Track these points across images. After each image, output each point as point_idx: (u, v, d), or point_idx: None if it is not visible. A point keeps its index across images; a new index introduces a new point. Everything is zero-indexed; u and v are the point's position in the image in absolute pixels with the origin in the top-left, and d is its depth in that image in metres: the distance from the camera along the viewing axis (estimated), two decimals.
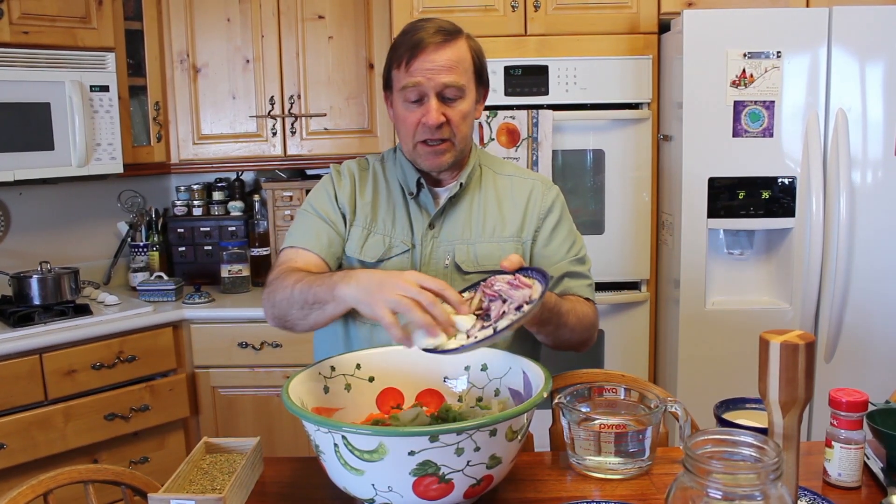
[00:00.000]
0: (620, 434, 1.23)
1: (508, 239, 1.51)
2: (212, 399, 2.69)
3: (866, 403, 1.20)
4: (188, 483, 1.22)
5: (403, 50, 1.40)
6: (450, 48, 1.40)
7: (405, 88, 1.40)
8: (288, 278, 1.35)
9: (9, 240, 2.80)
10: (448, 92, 1.40)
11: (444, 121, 1.40)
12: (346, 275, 1.22)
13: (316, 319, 1.31)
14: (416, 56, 1.38)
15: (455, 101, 1.41)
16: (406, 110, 1.42)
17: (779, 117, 2.34)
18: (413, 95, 1.40)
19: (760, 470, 0.86)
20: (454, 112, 1.41)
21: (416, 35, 1.40)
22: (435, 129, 1.40)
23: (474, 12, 2.57)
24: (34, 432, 2.29)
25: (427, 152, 1.44)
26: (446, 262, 1.49)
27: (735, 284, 2.52)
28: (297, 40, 2.85)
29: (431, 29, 1.40)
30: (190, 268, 3.06)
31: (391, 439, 0.99)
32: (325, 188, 1.55)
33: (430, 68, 1.38)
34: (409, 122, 1.43)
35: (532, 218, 1.53)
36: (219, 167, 2.97)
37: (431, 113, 1.39)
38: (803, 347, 0.95)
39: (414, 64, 1.38)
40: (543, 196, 1.55)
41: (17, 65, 2.40)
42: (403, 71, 1.40)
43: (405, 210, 1.52)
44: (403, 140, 1.48)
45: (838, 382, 1.59)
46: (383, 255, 1.48)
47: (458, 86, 1.40)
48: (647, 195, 2.60)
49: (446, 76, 1.39)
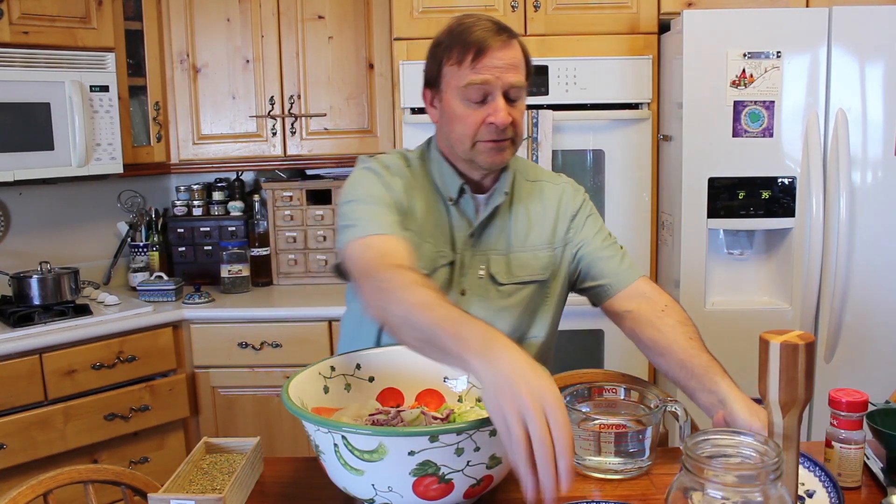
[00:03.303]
0: (620, 434, 1.23)
1: (542, 247, 1.50)
2: (212, 399, 2.69)
3: (866, 403, 1.20)
4: (188, 483, 1.22)
5: (466, 47, 1.35)
6: (512, 48, 1.37)
7: (469, 86, 1.34)
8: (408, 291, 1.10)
9: (9, 240, 2.80)
10: (513, 92, 1.36)
11: (511, 120, 1.36)
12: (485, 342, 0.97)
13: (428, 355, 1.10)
14: (483, 54, 1.34)
15: (516, 101, 1.38)
16: (467, 108, 1.37)
17: (779, 117, 2.34)
18: (477, 94, 1.35)
19: (760, 470, 0.86)
20: (517, 112, 1.38)
21: (476, 33, 1.35)
22: (502, 130, 1.36)
23: (474, 12, 2.56)
24: (34, 432, 2.29)
25: (490, 148, 1.38)
26: (481, 272, 1.46)
27: (735, 284, 2.52)
28: (296, 40, 2.85)
29: (493, 26, 1.37)
30: (190, 268, 3.06)
31: (391, 439, 0.99)
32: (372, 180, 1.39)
33: (498, 66, 1.34)
34: (470, 121, 1.37)
35: (563, 222, 1.52)
36: (219, 167, 2.97)
37: (501, 113, 1.34)
38: (803, 347, 0.95)
39: (481, 62, 1.33)
40: (573, 199, 1.54)
41: (16, 65, 2.40)
42: (468, 69, 1.34)
43: (446, 216, 1.45)
44: (458, 139, 1.39)
45: (838, 382, 1.59)
46: (433, 263, 1.42)
47: (521, 86, 1.37)
48: (646, 195, 2.60)
49: (513, 76, 1.35)
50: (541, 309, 1.52)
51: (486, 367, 0.95)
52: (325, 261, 3.03)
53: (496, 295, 1.46)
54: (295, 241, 3.02)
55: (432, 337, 1.04)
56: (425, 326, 1.05)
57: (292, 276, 3.04)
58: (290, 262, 3.03)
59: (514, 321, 1.48)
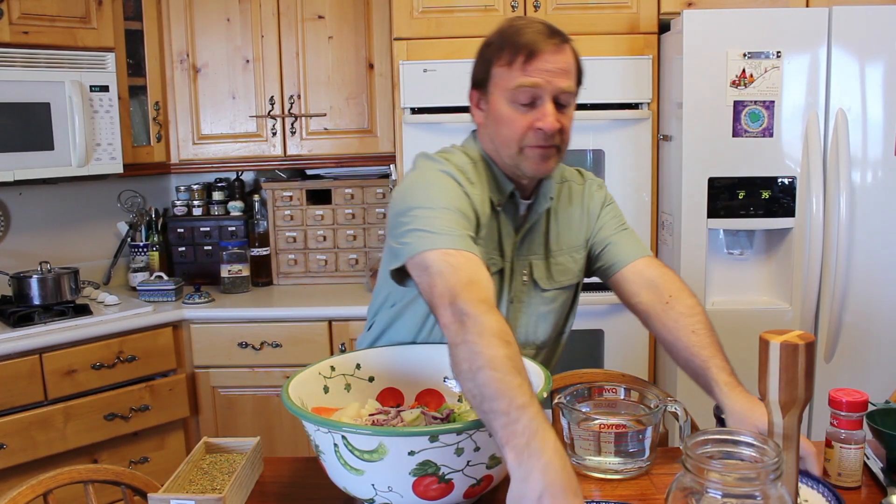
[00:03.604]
0: (620, 434, 1.23)
1: (577, 249, 1.49)
2: (212, 399, 2.69)
3: (866, 403, 1.20)
4: (188, 483, 1.22)
5: (517, 48, 1.31)
6: (564, 52, 1.33)
7: (518, 88, 1.30)
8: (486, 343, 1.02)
9: (9, 240, 2.80)
10: (563, 98, 1.33)
11: (559, 126, 1.33)
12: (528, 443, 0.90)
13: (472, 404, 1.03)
14: (535, 57, 1.30)
15: (566, 107, 1.34)
16: (514, 111, 1.33)
17: (779, 117, 2.34)
18: (526, 98, 1.31)
19: (760, 470, 0.86)
20: (566, 119, 1.35)
21: (528, 34, 1.32)
22: (549, 136, 1.32)
23: (474, 12, 2.57)
24: (34, 432, 2.29)
25: (536, 155, 1.34)
26: (524, 278, 1.44)
27: (735, 284, 2.52)
28: (296, 40, 2.85)
29: (545, 30, 1.32)
30: (190, 268, 3.06)
31: (391, 439, 0.99)
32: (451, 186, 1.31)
33: (549, 70, 1.30)
34: (517, 124, 1.33)
35: (591, 221, 1.51)
36: (219, 167, 2.97)
37: (549, 118, 1.30)
38: (803, 347, 0.95)
39: (533, 64, 1.30)
40: (596, 196, 1.53)
41: (16, 65, 2.40)
42: (518, 71, 1.30)
43: (496, 222, 1.41)
44: (504, 143, 1.35)
45: (838, 382, 1.59)
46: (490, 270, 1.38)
47: (572, 92, 1.34)
48: (646, 195, 2.60)
49: (564, 81, 1.32)
50: (572, 309, 1.53)
51: (518, 469, 0.89)
52: (324, 260, 3.03)
53: (539, 301, 1.46)
54: (295, 241, 3.02)
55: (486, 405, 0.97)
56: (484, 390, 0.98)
57: (292, 276, 3.05)
58: (290, 262, 3.03)
59: (554, 324, 1.49)
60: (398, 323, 1.46)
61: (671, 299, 1.38)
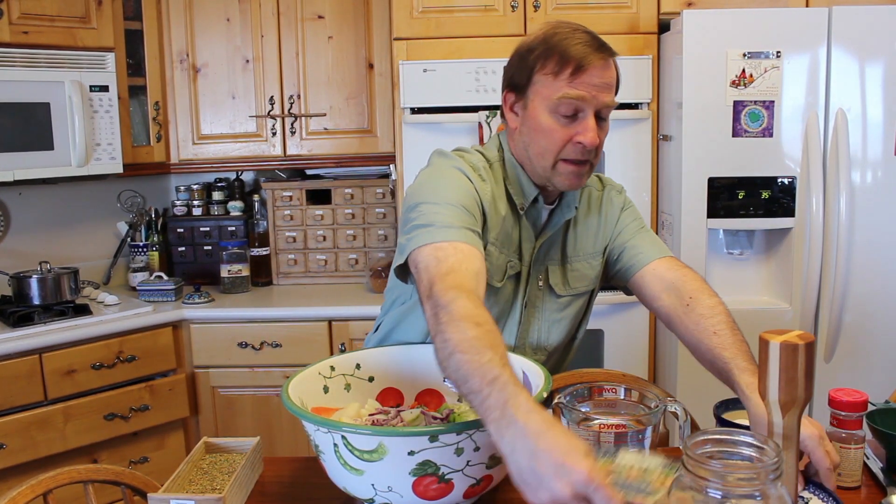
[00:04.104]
0: (620, 434, 1.23)
1: (594, 256, 1.49)
2: (211, 399, 2.69)
3: (866, 403, 1.20)
4: (188, 483, 1.22)
5: (566, 59, 1.29)
6: (610, 67, 1.33)
7: (562, 99, 1.28)
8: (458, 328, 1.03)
9: (9, 240, 2.80)
10: (604, 112, 1.32)
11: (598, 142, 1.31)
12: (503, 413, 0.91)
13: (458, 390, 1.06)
14: (583, 70, 1.28)
15: (604, 121, 1.34)
16: (555, 122, 1.30)
17: (778, 117, 2.34)
18: (569, 110, 1.29)
19: (760, 470, 0.86)
20: (603, 133, 1.33)
21: (577, 45, 1.30)
22: (587, 151, 1.31)
23: (474, 12, 2.57)
24: (34, 432, 2.29)
25: (570, 172, 1.32)
26: (539, 282, 1.44)
27: (735, 284, 2.52)
28: (296, 40, 2.85)
29: (593, 43, 1.31)
30: (190, 268, 3.06)
31: (391, 439, 0.99)
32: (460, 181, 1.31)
33: (596, 84, 1.30)
34: (557, 136, 1.30)
35: (609, 227, 1.50)
36: (218, 167, 2.97)
37: (591, 133, 1.29)
38: (803, 347, 0.95)
39: (580, 77, 1.28)
40: (615, 202, 1.53)
41: (16, 65, 2.40)
42: (564, 82, 1.29)
43: (517, 225, 1.39)
44: (541, 153, 1.33)
45: (838, 382, 1.59)
46: (503, 276, 1.39)
47: (613, 106, 1.33)
48: (646, 195, 2.60)
49: (608, 96, 1.31)
50: (586, 315, 1.53)
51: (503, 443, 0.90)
52: (324, 260, 3.03)
53: (554, 306, 1.45)
54: (295, 241, 3.02)
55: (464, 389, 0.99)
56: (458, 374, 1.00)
57: (292, 275, 3.04)
58: (289, 262, 3.03)
59: (567, 330, 1.49)
60: (405, 323, 1.46)
61: (692, 301, 1.36)
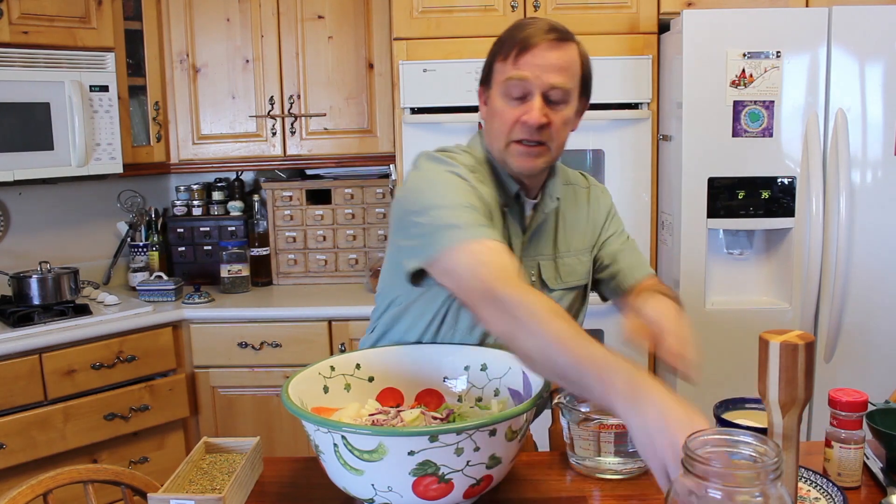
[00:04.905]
0: (620, 434, 1.23)
1: (584, 251, 1.50)
2: (211, 399, 2.69)
3: (866, 403, 1.20)
4: (188, 483, 1.22)
5: (513, 43, 1.31)
6: (562, 49, 1.31)
7: (509, 80, 1.30)
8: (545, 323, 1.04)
9: (8, 240, 2.80)
10: (553, 94, 1.30)
11: (546, 123, 1.31)
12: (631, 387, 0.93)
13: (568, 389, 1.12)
14: (526, 50, 1.29)
15: (559, 104, 1.32)
16: (505, 105, 1.32)
17: (778, 117, 2.34)
18: (516, 91, 1.30)
19: (760, 470, 0.86)
20: (557, 116, 1.32)
21: (528, 29, 1.32)
22: (535, 130, 1.30)
23: (474, 12, 2.57)
24: (34, 432, 2.29)
25: (521, 152, 1.33)
26: (532, 277, 1.44)
27: (735, 284, 2.52)
28: (296, 40, 2.85)
29: (546, 26, 1.32)
30: (190, 268, 3.06)
31: (391, 439, 0.99)
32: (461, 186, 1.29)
33: (539, 64, 1.29)
34: (506, 117, 1.32)
35: (597, 226, 1.53)
36: (218, 167, 2.97)
37: (534, 112, 1.29)
38: (803, 347, 0.95)
39: (524, 58, 1.29)
40: (602, 202, 1.55)
41: (16, 65, 2.40)
42: (510, 64, 1.31)
43: (502, 223, 1.40)
44: (496, 137, 1.35)
45: (838, 382, 1.59)
46: None
47: (564, 88, 1.31)
48: (646, 195, 2.60)
49: (555, 76, 1.30)
50: (580, 313, 1.53)
51: (634, 414, 0.92)
52: (324, 260, 3.03)
53: None
54: (295, 241, 3.02)
55: (574, 377, 1.00)
56: (567, 365, 1.00)
57: (292, 275, 3.05)
58: (289, 262, 3.03)
59: None
60: (400, 323, 1.45)
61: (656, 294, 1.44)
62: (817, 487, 1.17)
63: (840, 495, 1.13)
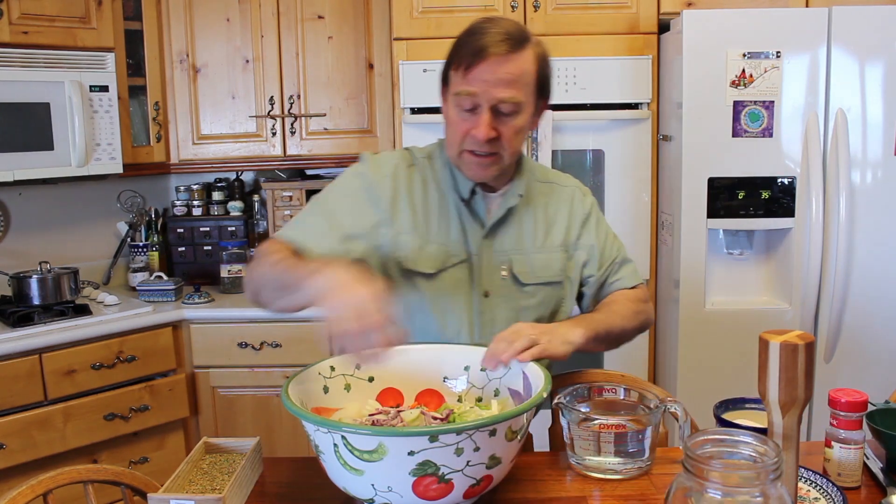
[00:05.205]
0: (620, 434, 1.23)
1: (558, 248, 1.50)
2: (211, 399, 2.69)
3: (866, 403, 1.20)
4: (188, 483, 1.22)
5: (465, 53, 1.31)
6: (513, 60, 1.30)
7: (459, 95, 1.32)
8: (271, 256, 1.33)
9: (8, 240, 2.80)
10: (503, 107, 1.32)
11: (495, 136, 1.33)
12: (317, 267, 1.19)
13: (284, 304, 1.30)
14: (475, 64, 1.29)
15: (510, 115, 1.33)
16: (458, 116, 1.35)
17: (778, 117, 2.34)
18: (467, 104, 1.32)
19: (760, 470, 0.86)
20: (507, 127, 1.34)
21: (481, 39, 1.30)
22: (484, 143, 1.33)
23: (474, 12, 2.57)
24: (34, 432, 2.29)
25: (472, 163, 1.37)
26: (503, 273, 1.45)
27: (735, 284, 2.52)
28: (296, 40, 2.85)
29: (498, 35, 1.30)
30: (190, 268, 3.06)
31: (391, 439, 0.99)
32: (353, 188, 1.43)
33: (488, 80, 1.29)
34: (458, 128, 1.35)
35: (575, 226, 1.52)
36: (218, 167, 2.97)
37: (482, 128, 1.31)
38: (803, 347, 0.95)
39: (473, 72, 1.30)
40: (582, 203, 1.54)
41: (16, 65, 2.40)
42: (461, 76, 1.32)
43: (458, 216, 1.44)
44: (450, 144, 1.40)
45: (838, 382, 1.59)
46: (442, 264, 1.42)
47: (513, 101, 1.31)
48: (646, 195, 2.60)
49: (503, 91, 1.30)
50: (560, 310, 1.53)
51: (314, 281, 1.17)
52: None
53: (519, 295, 1.46)
54: None
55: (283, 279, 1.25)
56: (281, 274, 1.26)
57: None
58: None
59: (537, 320, 1.48)
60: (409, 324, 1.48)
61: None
62: (817, 487, 1.17)
63: (840, 495, 1.13)
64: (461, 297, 1.44)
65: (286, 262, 1.28)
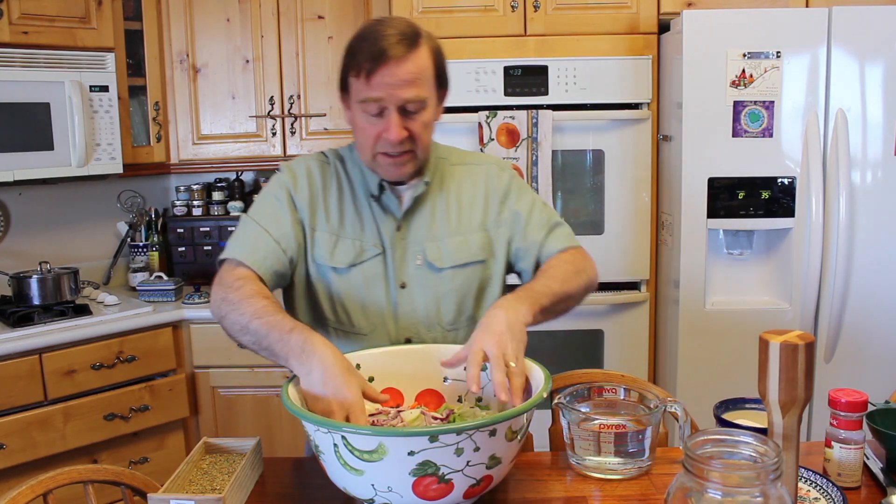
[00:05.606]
0: (620, 434, 1.23)
1: (475, 229, 1.49)
2: (211, 399, 2.69)
3: (866, 403, 1.20)
4: (188, 483, 1.22)
5: (363, 58, 1.32)
6: (411, 60, 1.32)
7: (366, 102, 1.34)
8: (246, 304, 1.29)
9: (9, 240, 2.80)
10: (410, 106, 1.34)
11: (407, 135, 1.36)
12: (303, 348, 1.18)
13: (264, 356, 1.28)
14: (376, 69, 1.30)
15: (416, 113, 1.36)
16: (366, 122, 1.37)
17: (778, 117, 2.34)
18: (373, 109, 1.34)
19: (760, 470, 0.86)
20: (416, 124, 1.37)
21: (377, 44, 1.32)
22: (397, 144, 1.35)
23: (474, 12, 2.57)
24: (34, 432, 2.29)
25: (388, 163, 1.39)
26: (418, 261, 1.46)
27: (735, 284, 2.52)
28: (296, 40, 2.85)
29: (393, 37, 1.31)
30: (189, 268, 3.06)
31: (391, 439, 0.99)
32: (274, 194, 1.47)
33: (391, 83, 1.31)
34: (368, 133, 1.37)
35: (493, 203, 1.51)
36: (218, 167, 2.97)
37: (393, 130, 1.34)
38: (803, 347, 0.95)
39: (375, 78, 1.31)
40: (498, 178, 1.53)
41: (16, 65, 2.40)
42: (363, 82, 1.33)
43: (370, 212, 1.47)
44: (361, 149, 1.42)
45: (838, 382, 1.59)
46: (354, 259, 1.44)
47: (418, 100, 1.34)
48: (646, 195, 2.60)
49: (408, 91, 1.32)
50: (487, 290, 1.51)
51: (302, 368, 1.17)
52: None
53: (437, 281, 1.46)
54: None
55: (263, 342, 1.24)
56: (259, 333, 1.24)
57: None
58: None
59: (459, 304, 1.48)
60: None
61: None
62: (817, 487, 1.17)
63: (840, 495, 1.13)
64: (378, 290, 1.45)
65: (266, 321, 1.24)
